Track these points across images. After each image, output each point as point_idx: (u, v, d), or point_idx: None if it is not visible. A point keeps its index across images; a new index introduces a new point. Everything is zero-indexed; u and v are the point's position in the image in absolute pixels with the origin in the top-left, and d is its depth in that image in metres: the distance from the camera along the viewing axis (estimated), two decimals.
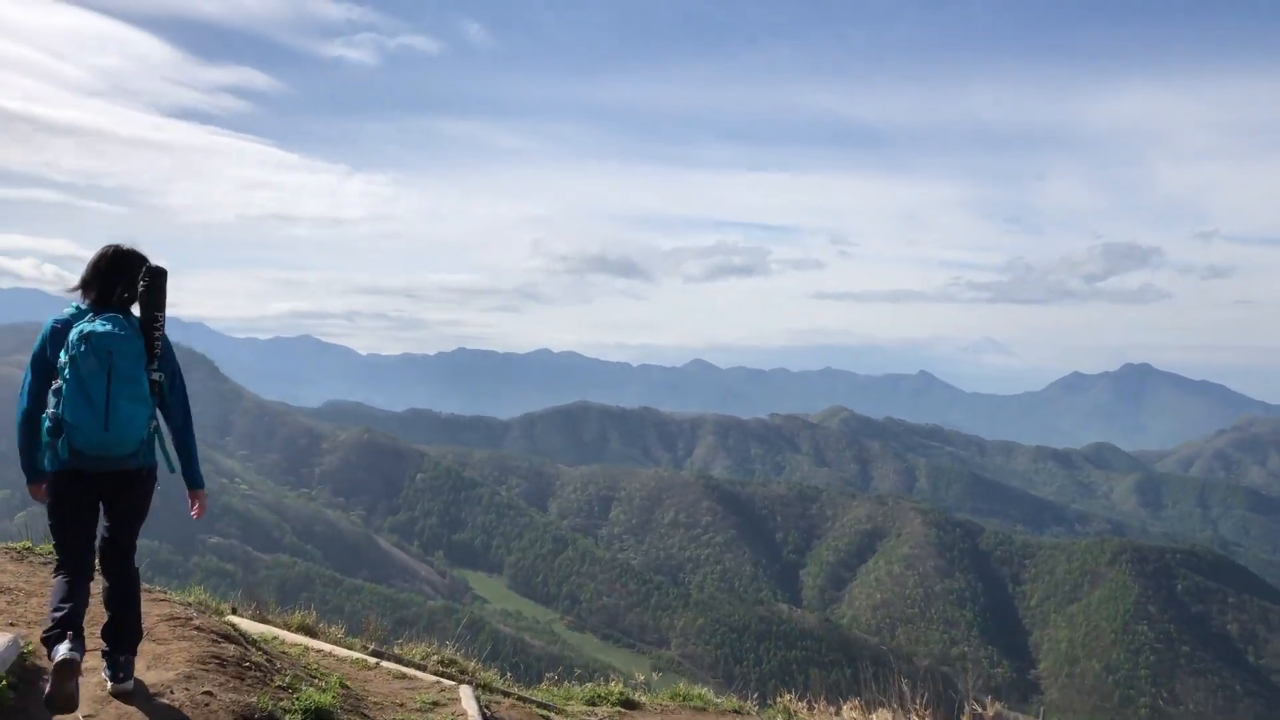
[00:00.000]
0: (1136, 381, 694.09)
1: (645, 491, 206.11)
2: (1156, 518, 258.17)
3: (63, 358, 5.54)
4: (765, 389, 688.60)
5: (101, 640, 5.83)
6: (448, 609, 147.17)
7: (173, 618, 6.89)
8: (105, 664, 5.80)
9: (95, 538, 5.91)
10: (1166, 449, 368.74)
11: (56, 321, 5.72)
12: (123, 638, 5.82)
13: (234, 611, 9.05)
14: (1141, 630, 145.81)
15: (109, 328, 5.56)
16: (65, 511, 5.72)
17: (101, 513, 5.89)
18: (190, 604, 7.70)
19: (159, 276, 5.78)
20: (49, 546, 8.11)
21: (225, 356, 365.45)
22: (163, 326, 5.81)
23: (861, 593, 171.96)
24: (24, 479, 5.91)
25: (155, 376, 5.81)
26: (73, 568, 5.74)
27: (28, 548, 8.45)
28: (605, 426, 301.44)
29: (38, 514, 6.25)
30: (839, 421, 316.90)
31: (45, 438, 5.59)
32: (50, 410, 5.58)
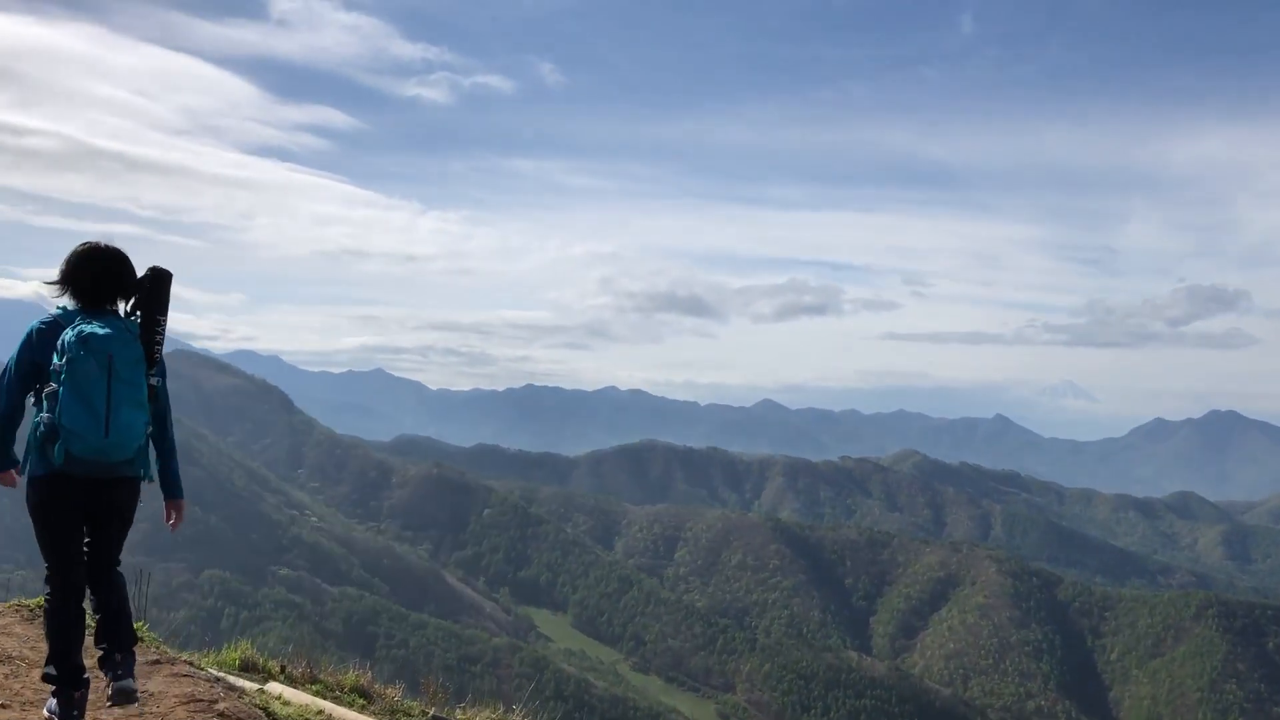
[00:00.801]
0: (1222, 428, 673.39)
1: (712, 533, 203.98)
2: (1244, 571, 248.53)
3: (56, 361, 5.28)
4: (835, 431, 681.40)
5: (95, 647, 5.75)
6: (512, 646, 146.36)
7: (194, 699, 6.21)
8: (103, 667, 5.65)
9: (83, 547, 5.74)
10: (1255, 499, 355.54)
11: (42, 323, 5.49)
12: (120, 638, 5.74)
13: (283, 670, 8.21)
14: (1230, 689, 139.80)
15: (109, 330, 5.35)
16: (53, 519, 5.48)
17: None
18: (220, 679, 6.84)
19: (164, 279, 5.69)
20: None
21: (298, 390, 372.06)
22: (164, 331, 5.71)
23: (934, 642, 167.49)
24: None
25: (153, 382, 5.68)
26: (66, 581, 5.58)
27: (41, 606, 7.74)
28: (672, 466, 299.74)
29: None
30: (911, 465, 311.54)
31: (36, 442, 5.35)
32: (44, 414, 5.31)
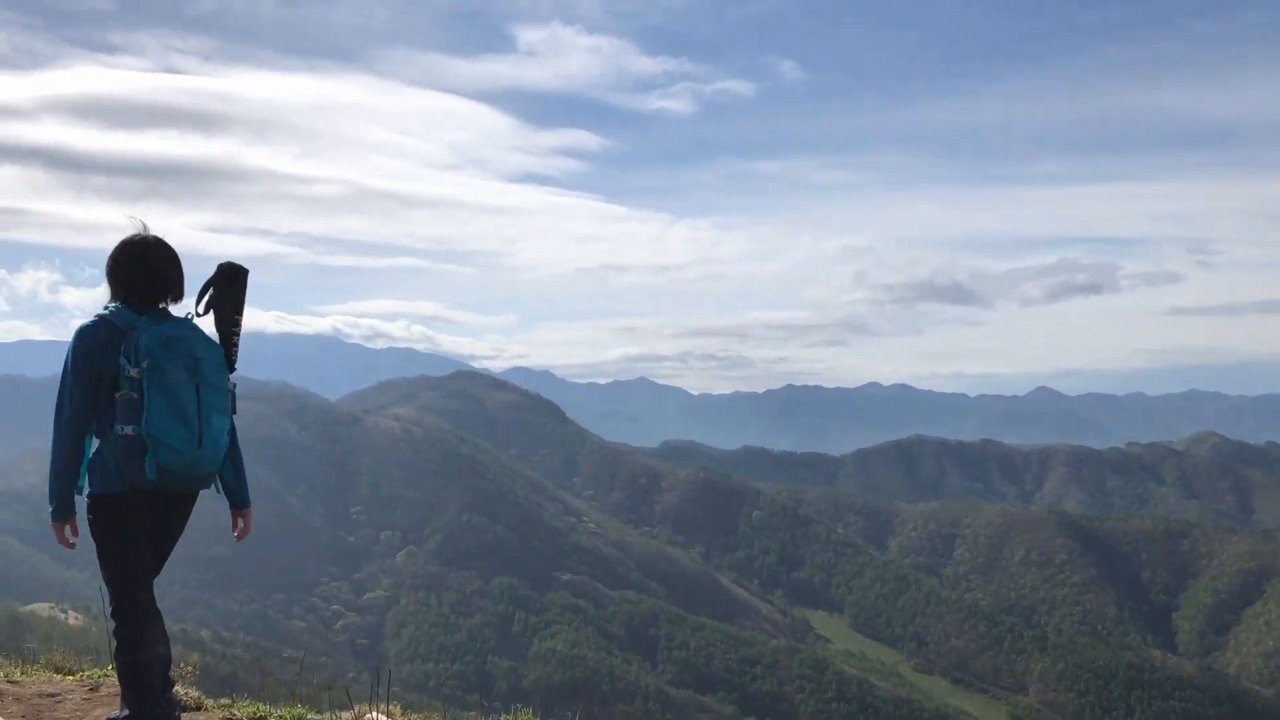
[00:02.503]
0: None
1: (991, 529, 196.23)
2: None
3: (129, 366, 4.63)
4: (1120, 416, 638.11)
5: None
6: (790, 648, 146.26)
7: None
8: None
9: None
10: None
11: (92, 326, 4.78)
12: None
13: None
14: None
15: (189, 333, 4.85)
16: (130, 540, 4.95)
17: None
18: None
19: (241, 277, 5.08)
20: None
21: (570, 402, 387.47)
22: (239, 331, 5.12)
23: (1249, 639, 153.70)
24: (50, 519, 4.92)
25: (231, 386, 5.11)
26: (143, 612, 5.06)
27: (107, 676, 6.57)
28: (943, 461, 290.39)
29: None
30: (1209, 448, 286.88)
31: (113, 456, 4.72)
32: (124, 426, 4.63)
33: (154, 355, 4.64)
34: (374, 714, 7.23)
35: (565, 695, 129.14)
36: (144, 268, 4.91)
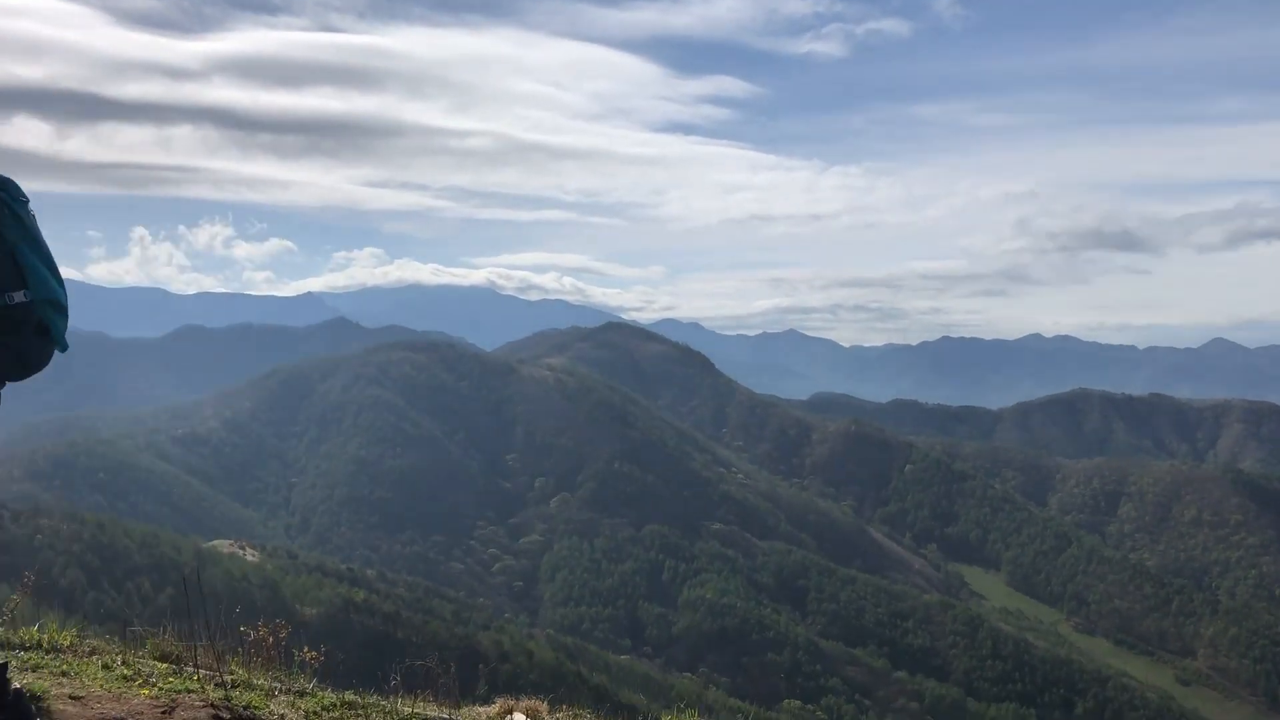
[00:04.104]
0: None
1: (1159, 487, 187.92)
2: None
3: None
4: None
5: None
6: (943, 604, 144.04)
7: None
8: None
9: None
10: None
11: None
12: None
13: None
14: None
15: None
16: None
17: None
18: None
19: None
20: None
21: (718, 354, 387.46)
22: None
23: None
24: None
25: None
26: None
27: (191, 691, 5.99)
28: (1108, 416, 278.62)
29: None
30: None
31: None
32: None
33: (15, 204, 4.32)
34: (517, 713, 7.09)
35: (715, 642, 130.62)
36: None
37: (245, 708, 5.71)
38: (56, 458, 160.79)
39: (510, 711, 7.07)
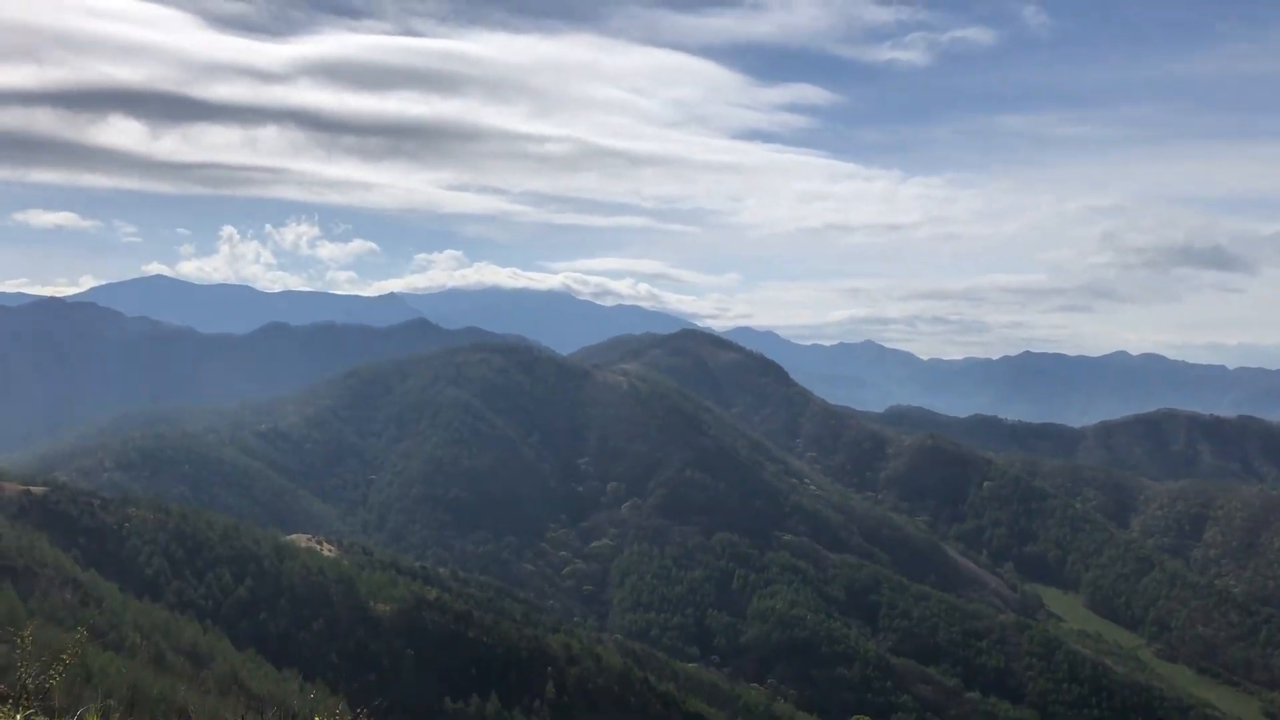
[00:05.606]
0: None
1: (1247, 512, 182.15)
2: None
3: None
4: None
5: None
6: (1020, 624, 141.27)
7: None
8: None
9: None
10: None
11: None
12: None
13: None
14: None
15: None
16: None
17: None
18: None
19: None
20: None
21: (793, 363, 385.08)
22: None
23: None
24: None
25: None
26: None
27: None
28: (1195, 437, 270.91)
29: None
30: None
31: None
32: None
33: None
34: None
35: (784, 654, 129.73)
36: None
37: None
38: (145, 449, 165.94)
39: None
